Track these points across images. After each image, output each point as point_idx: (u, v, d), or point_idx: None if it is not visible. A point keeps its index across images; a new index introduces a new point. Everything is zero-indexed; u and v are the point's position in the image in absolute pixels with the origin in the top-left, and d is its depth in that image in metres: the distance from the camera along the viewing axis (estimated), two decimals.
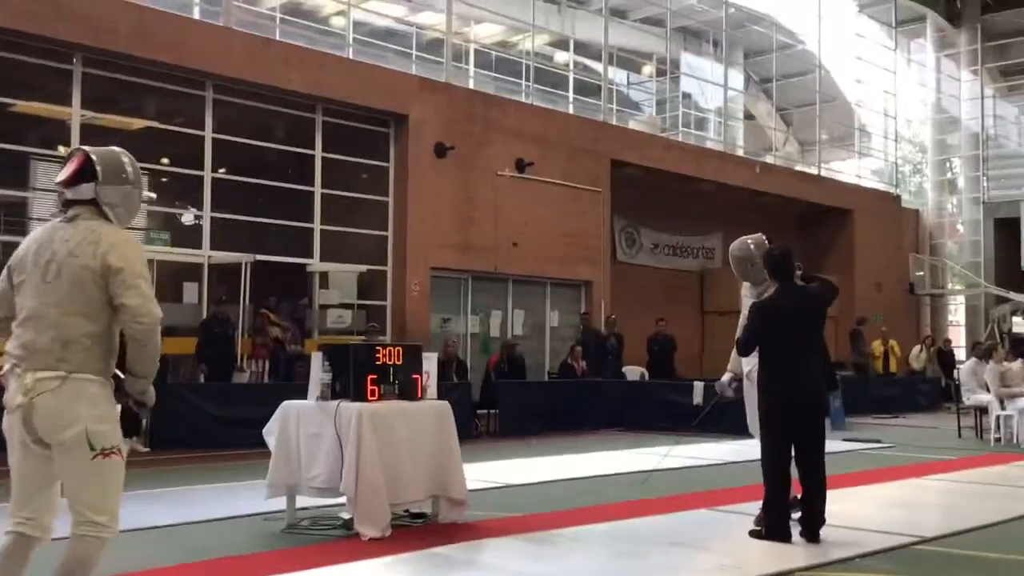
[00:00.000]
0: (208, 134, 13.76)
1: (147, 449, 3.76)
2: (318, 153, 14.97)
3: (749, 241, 6.96)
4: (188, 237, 14.33)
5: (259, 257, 14.35)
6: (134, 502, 7.59)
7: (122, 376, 3.67)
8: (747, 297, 6.94)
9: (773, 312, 6.25)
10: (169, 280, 14.62)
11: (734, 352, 6.96)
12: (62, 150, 12.62)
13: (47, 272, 3.57)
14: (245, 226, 15.38)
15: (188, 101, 13.72)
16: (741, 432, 13.15)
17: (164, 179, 17.03)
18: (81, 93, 12.56)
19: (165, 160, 15.41)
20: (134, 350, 3.60)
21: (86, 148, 3.78)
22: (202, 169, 13.81)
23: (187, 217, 16.25)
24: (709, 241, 22.09)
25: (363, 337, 13.93)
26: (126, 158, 3.81)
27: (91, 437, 3.47)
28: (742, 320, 6.77)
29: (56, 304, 3.54)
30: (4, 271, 3.75)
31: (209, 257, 13.87)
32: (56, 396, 3.47)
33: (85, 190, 3.68)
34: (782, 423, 6.14)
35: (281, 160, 15.46)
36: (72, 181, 3.69)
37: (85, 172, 3.69)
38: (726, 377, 7.23)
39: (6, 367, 3.60)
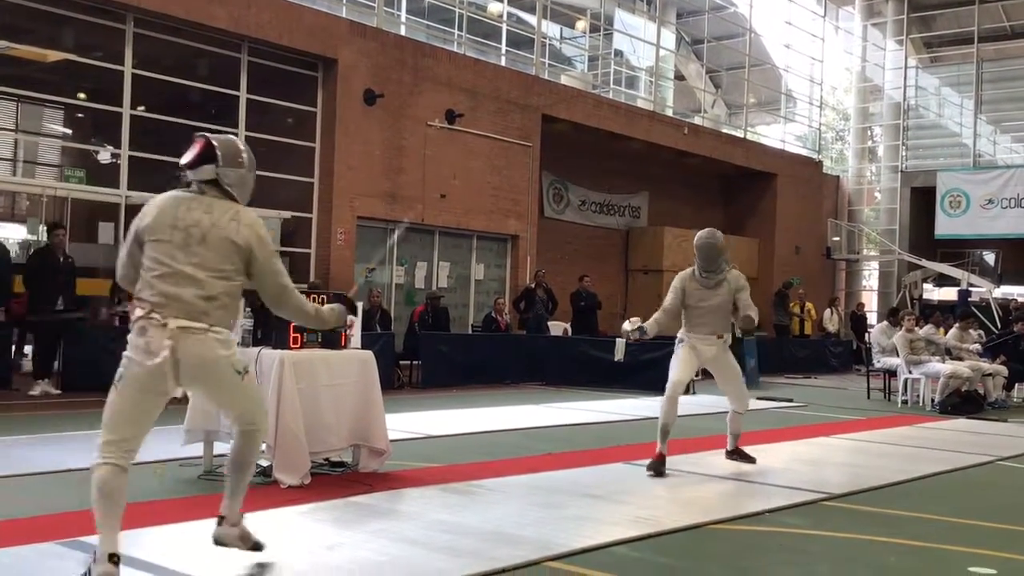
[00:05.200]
0: (128, 69, 13.30)
1: (58, 392, 3.84)
2: (243, 94, 14.60)
3: (718, 233, 7.38)
4: (105, 175, 13.90)
5: None
6: (50, 445, 7.44)
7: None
8: (692, 281, 7.27)
9: None
10: (84, 219, 14.19)
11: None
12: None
13: (190, 237, 4.08)
14: (164, 166, 14.96)
15: (108, 34, 13.22)
16: (659, 388, 13.37)
17: (80, 115, 16.38)
18: None
19: (82, 95, 14.87)
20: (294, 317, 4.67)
21: (207, 135, 4.32)
22: (121, 106, 13.36)
23: (104, 155, 15.74)
24: (635, 200, 22.21)
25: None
26: (243, 146, 4.40)
27: (234, 364, 4.16)
28: (672, 296, 7.30)
29: (200, 266, 4.07)
30: (131, 235, 4.18)
31: (126, 197, 13.49)
32: (202, 343, 4.03)
33: (206, 171, 4.23)
34: None
35: (204, 100, 15.04)
36: (195, 163, 4.23)
37: (206, 155, 4.23)
38: None
39: (140, 312, 4.01)
